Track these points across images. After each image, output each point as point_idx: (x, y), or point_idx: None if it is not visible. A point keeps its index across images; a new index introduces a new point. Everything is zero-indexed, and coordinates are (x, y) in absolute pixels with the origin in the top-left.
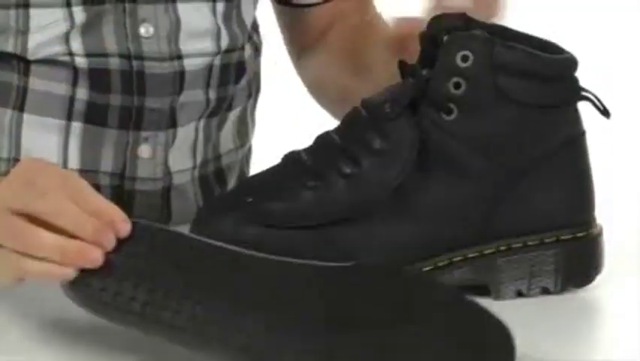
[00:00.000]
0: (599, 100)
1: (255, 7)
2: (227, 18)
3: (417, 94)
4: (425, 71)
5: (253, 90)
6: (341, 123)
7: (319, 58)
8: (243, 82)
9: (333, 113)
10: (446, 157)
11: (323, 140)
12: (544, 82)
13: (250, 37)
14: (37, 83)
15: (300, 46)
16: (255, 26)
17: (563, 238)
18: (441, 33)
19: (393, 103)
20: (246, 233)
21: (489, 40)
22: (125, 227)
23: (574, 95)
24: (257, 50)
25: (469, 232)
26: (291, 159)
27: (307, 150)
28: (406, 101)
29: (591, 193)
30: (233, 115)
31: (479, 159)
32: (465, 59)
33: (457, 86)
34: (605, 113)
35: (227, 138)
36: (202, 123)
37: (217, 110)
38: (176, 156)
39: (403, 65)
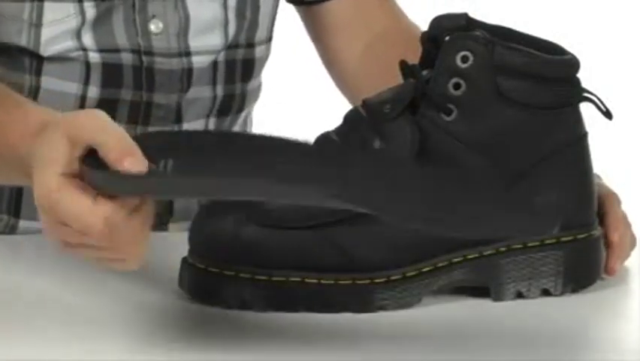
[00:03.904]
0: (601, 101)
1: (273, 13)
2: (240, 14)
3: (417, 94)
4: (426, 72)
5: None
6: (341, 123)
7: (362, 72)
8: (255, 83)
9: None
10: (445, 158)
11: (322, 140)
12: (545, 83)
13: (267, 40)
14: (49, 82)
15: (323, 44)
16: (270, 35)
17: (563, 239)
18: (442, 33)
19: (393, 103)
20: (246, 233)
21: (489, 41)
22: None
23: (575, 97)
24: (267, 54)
25: None
26: None
27: None
28: (406, 102)
29: (592, 195)
30: (241, 116)
31: (479, 160)
32: (465, 59)
33: (457, 86)
34: (608, 114)
35: None
36: (212, 122)
37: (227, 110)
38: None
39: (403, 66)
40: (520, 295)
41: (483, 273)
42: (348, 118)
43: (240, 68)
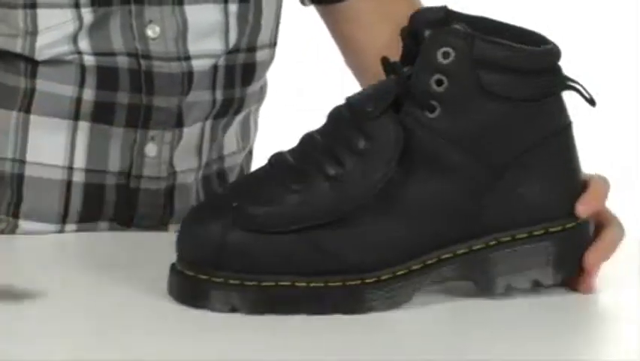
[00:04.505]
0: (584, 89)
1: (276, 16)
2: (242, 19)
3: (399, 92)
4: (407, 68)
5: (264, 95)
6: (324, 123)
7: None
8: (256, 86)
9: None
10: (430, 155)
11: (307, 140)
12: (527, 75)
13: (270, 45)
14: (44, 84)
15: (343, 36)
16: (274, 40)
17: (552, 230)
18: (422, 28)
19: (375, 101)
20: (232, 238)
21: (469, 35)
22: None
23: (558, 85)
24: (271, 59)
25: (456, 228)
26: (276, 161)
27: (292, 151)
28: (389, 100)
29: (579, 183)
30: (238, 117)
31: (463, 156)
32: (446, 55)
33: (439, 83)
34: (591, 101)
35: (231, 139)
36: (209, 124)
37: (224, 112)
38: (181, 155)
39: (385, 62)
40: (510, 288)
41: (473, 268)
42: (332, 117)
43: (240, 72)
